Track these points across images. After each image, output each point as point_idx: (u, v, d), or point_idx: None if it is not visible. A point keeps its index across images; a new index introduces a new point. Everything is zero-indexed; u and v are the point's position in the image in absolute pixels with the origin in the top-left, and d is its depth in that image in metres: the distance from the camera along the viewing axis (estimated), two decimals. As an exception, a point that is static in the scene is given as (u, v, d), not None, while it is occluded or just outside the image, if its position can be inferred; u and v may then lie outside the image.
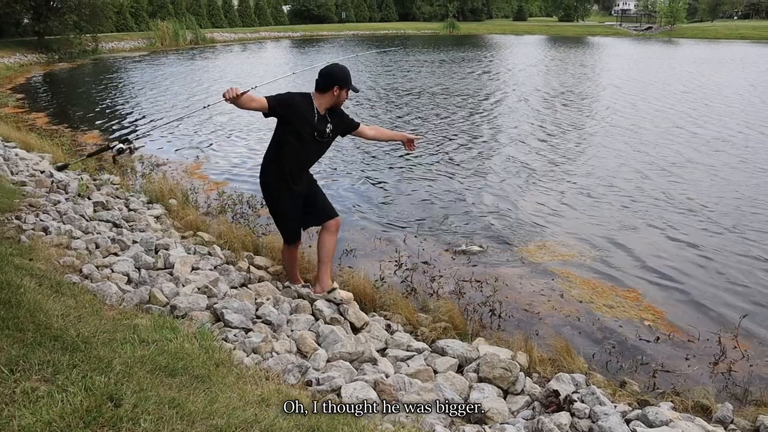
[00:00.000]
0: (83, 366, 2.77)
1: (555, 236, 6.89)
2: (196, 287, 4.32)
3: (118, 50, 39.02)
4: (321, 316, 4.16)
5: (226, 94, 4.05)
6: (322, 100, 4.35)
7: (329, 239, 4.62)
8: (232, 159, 10.63)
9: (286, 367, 3.33)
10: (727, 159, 10.51)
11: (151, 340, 3.25)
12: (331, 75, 4.31)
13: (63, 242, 4.96)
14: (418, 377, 3.50)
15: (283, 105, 4.26)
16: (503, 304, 5.13)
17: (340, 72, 4.33)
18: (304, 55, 37.52)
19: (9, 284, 3.58)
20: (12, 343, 2.90)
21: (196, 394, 2.74)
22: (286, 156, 4.40)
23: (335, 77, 4.30)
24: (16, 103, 16.87)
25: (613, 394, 3.70)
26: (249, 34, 55.59)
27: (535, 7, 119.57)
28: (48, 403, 2.41)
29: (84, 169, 8.67)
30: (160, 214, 6.73)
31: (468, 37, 59.79)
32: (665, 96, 18.34)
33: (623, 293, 5.48)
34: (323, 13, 73.57)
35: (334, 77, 4.30)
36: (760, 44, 48.62)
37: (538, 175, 9.46)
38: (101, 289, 4.02)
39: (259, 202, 7.85)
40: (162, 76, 24.58)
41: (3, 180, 6.77)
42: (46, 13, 31.47)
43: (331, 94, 4.32)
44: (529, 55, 37.38)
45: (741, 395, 3.95)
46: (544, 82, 22.42)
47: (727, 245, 6.63)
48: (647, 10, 78.05)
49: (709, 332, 4.77)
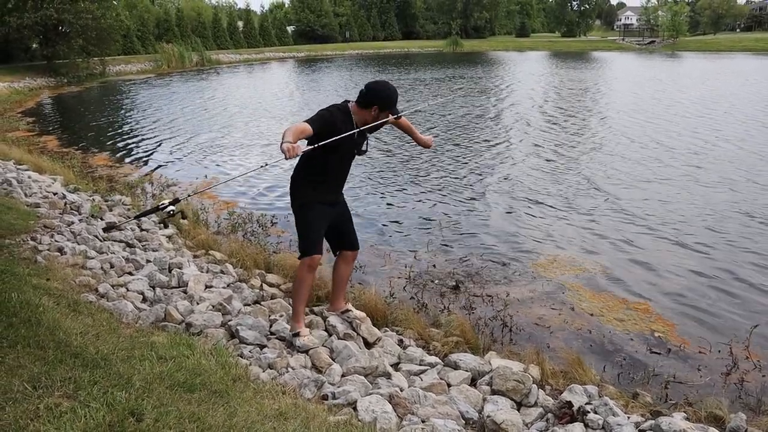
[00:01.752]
0: (104, 382, 2.83)
1: (565, 251, 6.92)
2: (211, 305, 4.38)
3: (126, 73, 39.46)
4: (334, 331, 4.21)
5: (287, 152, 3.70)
6: (360, 115, 4.13)
7: (346, 268, 4.56)
8: (240, 179, 10.72)
9: (302, 382, 3.37)
10: (738, 172, 10.51)
11: (169, 356, 3.31)
12: (374, 93, 4.09)
13: (78, 262, 5.03)
14: (432, 390, 3.54)
15: (326, 129, 3.98)
16: (514, 318, 5.16)
17: (384, 92, 4.12)
18: (308, 74, 37.83)
19: (28, 303, 3.65)
20: (34, 361, 2.96)
21: (215, 408, 2.78)
22: (323, 171, 4.20)
23: (377, 96, 4.09)
24: (26, 127, 17.09)
25: (625, 405, 3.72)
26: (254, 55, 56.15)
27: (537, 23, 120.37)
28: (72, 418, 2.46)
29: (95, 191, 8.78)
30: (171, 234, 6.81)
31: (471, 54, 60.20)
32: (676, 110, 18.38)
33: (634, 306, 5.50)
34: (327, 32, 74.26)
35: (376, 96, 4.09)
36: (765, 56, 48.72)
37: (548, 191, 9.50)
38: (117, 308, 4.08)
39: (269, 221, 7.93)
40: (169, 98, 24.86)
41: (17, 202, 6.88)
42: (54, 38, 31.97)
43: (369, 112, 4.11)
44: (533, 70, 37.57)
45: (754, 405, 3.96)
46: (555, 97, 22.53)
47: (736, 257, 6.64)
48: (650, 24, 78.47)
49: (720, 343, 4.78)
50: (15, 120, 18.29)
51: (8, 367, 2.85)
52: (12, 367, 2.85)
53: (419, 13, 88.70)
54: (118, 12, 40.21)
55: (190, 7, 63.20)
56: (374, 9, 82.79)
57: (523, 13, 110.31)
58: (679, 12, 67.03)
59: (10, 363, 2.89)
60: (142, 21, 50.74)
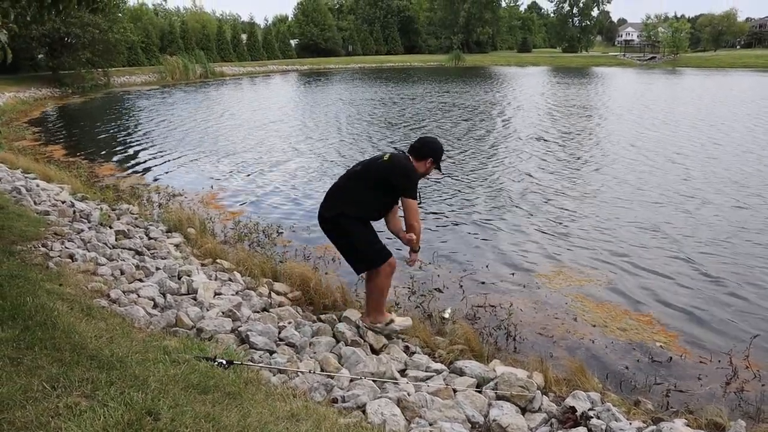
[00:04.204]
0: (120, 383, 2.90)
1: (570, 262, 6.99)
2: (221, 311, 4.46)
3: (130, 84, 39.77)
4: (342, 338, 4.29)
5: (413, 247, 4.57)
6: (417, 166, 4.49)
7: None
8: (245, 189, 10.84)
9: (312, 386, 3.45)
10: (739, 186, 10.60)
11: (182, 360, 3.39)
12: (430, 148, 4.52)
13: (89, 269, 5.12)
14: (439, 395, 3.61)
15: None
16: (518, 327, 5.24)
17: (439, 148, 4.57)
18: (311, 87, 38.08)
19: (43, 307, 3.74)
20: (51, 362, 3.04)
21: (229, 409, 2.86)
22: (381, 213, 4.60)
23: (433, 150, 4.52)
24: (32, 136, 17.26)
25: (627, 412, 3.79)
26: (257, 68, 56.55)
27: (539, 38, 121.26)
28: (91, 416, 2.54)
29: (103, 200, 8.89)
30: (179, 243, 6.90)
31: (473, 69, 60.58)
32: (678, 126, 18.52)
33: (636, 317, 5.58)
34: (330, 46, 74.83)
35: (431, 150, 4.51)
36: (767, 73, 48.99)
37: (553, 204, 9.57)
38: (129, 313, 4.16)
39: (275, 231, 8.02)
40: (173, 109, 25.05)
41: (27, 209, 6.98)
42: (60, 49, 32.26)
43: (424, 164, 4.49)
44: (537, 85, 37.81)
45: (754, 414, 4.03)
46: (559, 112, 22.68)
47: (736, 269, 6.72)
48: (650, 40, 78.99)
49: (720, 353, 4.86)
50: (21, 129, 18.46)
51: (27, 367, 2.93)
52: (30, 368, 2.93)
53: (422, 28, 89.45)
54: (125, 26, 40.53)
55: (194, 20, 63.76)
56: (377, 23, 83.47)
57: (525, 28, 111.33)
58: (679, 28, 67.46)
59: (29, 364, 2.97)
60: (146, 33, 51.16)
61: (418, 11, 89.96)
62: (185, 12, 75.96)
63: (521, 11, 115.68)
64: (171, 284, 5.01)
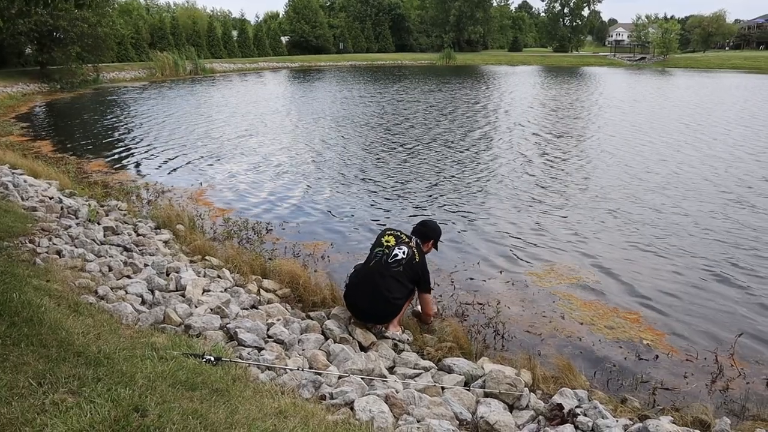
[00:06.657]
0: (107, 380, 2.89)
1: (559, 261, 7.02)
2: (209, 308, 4.45)
3: (119, 80, 39.49)
4: (331, 335, 4.29)
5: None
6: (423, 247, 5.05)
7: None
8: (234, 186, 10.80)
9: (300, 383, 3.45)
10: (727, 187, 10.69)
11: (170, 356, 3.38)
12: (434, 231, 5.17)
13: (77, 265, 5.09)
14: (427, 392, 3.62)
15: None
16: (506, 325, 5.27)
17: (439, 230, 5.24)
18: (301, 84, 37.99)
19: (30, 303, 3.71)
20: (38, 358, 3.02)
21: (216, 406, 2.86)
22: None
23: (435, 234, 5.18)
24: (20, 132, 17.09)
25: (614, 409, 3.81)
26: (248, 65, 56.28)
27: (530, 38, 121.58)
28: (77, 413, 2.53)
29: (91, 196, 8.83)
30: (168, 239, 6.87)
31: (465, 68, 60.67)
32: (667, 126, 18.64)
33: (624, 315, 5.62)
34: (321, 43, 74.64)
35: (435, 233, 5.17)
36: (754, 74, 49.36)
37: (544, 202, 9.61)
38: (117, 310, 4.14)
39: (264, 228, 8.01)
40: (163, 105, 24.90)
41: (14, 205, 6.92)
42: (49, 44, 31.92)
43: (428, 245, 5.11)
44: (528, 84, 37.91)
45: (738, 411, 4.07)
46: (551, 111, 22.76)
47: (724, 269, 6.78)
48: (640, 41, 79.40)
49: (706, 351, 4.90)
50: (8, 125, 18.28)
51: (12, 364, 2.92)
52: (16, 365, 2.91)
53: (413, 26, 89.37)
54: (114, 20, 40.18)
55: (185, 15, 63.39)
56: (368, 21, 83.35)
57: (516, 27, 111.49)
58: (669, 29, 67.80)
59: (14, 360, 2.96)
60: (136, 28, 50.80)
61: (410, 9, 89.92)
62: (176, 7, 75.59)
63: (512, 10, 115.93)
64: (159, 281, 4.98)
